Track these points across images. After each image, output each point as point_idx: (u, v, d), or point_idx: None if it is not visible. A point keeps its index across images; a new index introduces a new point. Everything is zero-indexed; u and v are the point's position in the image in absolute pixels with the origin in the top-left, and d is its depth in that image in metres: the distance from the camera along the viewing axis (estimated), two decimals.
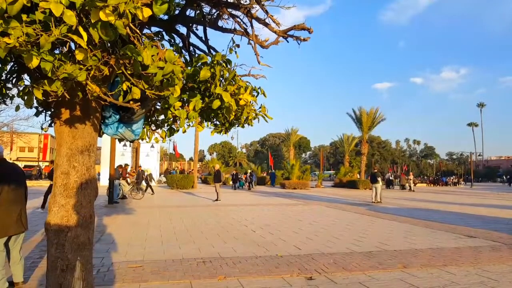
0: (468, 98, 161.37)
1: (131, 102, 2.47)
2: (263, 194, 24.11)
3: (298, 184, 31.38)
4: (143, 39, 2.56)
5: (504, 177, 67.22)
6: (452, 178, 56.91)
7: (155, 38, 3.27)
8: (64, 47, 2.24)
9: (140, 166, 22.54)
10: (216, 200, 16.92)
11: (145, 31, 3.32)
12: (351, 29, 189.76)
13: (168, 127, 3.39)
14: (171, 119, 3.16)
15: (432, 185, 47.96)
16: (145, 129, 3.40)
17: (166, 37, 3.42)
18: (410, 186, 33.38)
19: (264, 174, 43.72)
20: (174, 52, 2.83)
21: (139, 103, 2.53)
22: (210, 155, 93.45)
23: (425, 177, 62.98)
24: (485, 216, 12.36)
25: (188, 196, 21.09)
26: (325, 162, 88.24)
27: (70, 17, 1.87)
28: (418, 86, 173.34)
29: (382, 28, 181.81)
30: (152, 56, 2.32)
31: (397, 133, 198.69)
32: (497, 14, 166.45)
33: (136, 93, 2.35)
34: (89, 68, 2.14)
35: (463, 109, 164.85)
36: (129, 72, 2.32)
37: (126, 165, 20.12)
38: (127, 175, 18.88)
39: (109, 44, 2.27)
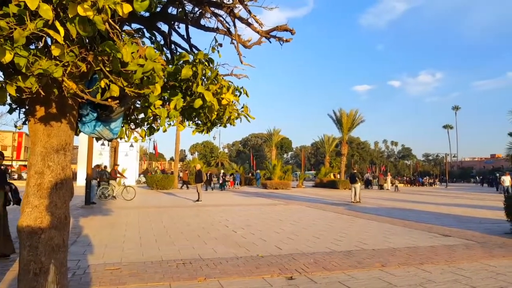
0: (443, 101, 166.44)
1: (109, 100, 2.40)
2: (244, 194, 24.09)
3: (279, 184, 31.53)
4: (123, 35, 2.50)
5: (477, 178, 69.57)
6: (428, 178, 58.46)
7: (135, 35, 3.21)
8: (40, 42, 2.17)
9: (117, 165, 21.63)
10: (197, 200, 16.78)
11: (125, 27, 3.25)
12: (332, 32, 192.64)
13: (148, 126, 3.32)
14: (151, 118, 3.10)
15: (409, 185, 49.14)
16: (123, 128, 3.33)
17: (147, 35, 3.36)
18: (389, 187, 34.11)
19: (250, 175, 43.66)
20: (155, 50, 2.78)
21: (117, 101, 2.46)
22: (192, 155, 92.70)
23: (403, 177, 64.43)
24: (459, 215, 12.75)
25: (168, 196, 20.83)
26: (306, 163, 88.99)
27: (47, 11, 1.80)
28: (396, 89, 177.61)
29: (362, 32, 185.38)
30: (132, 53, 2.26)
31: (376, 135, 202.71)
32: (471, 21, 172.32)
33: (115, 90, 2.29)
34: (66, 64, 2.07)
35: (439, 111, 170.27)
36: (107, 69, 2.26)
37: (116, 165, 19.66)
38: (117, 175, 18.50)
39: (87, 40, 2.20)
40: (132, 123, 3.47)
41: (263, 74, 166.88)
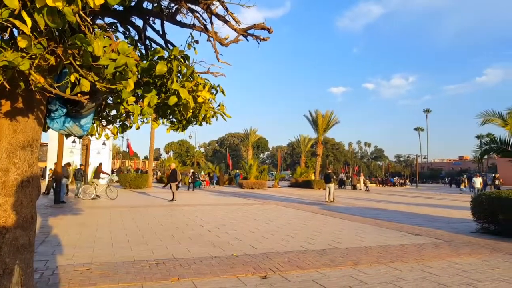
0: (415, 104, 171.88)
1: (79, 95, 2.33)
2: (220, 194, 23.98)
3: (255, 184, 31.59)
4: (95, 29, 2.43)
5: (446, 179, 72.37)
6: (399, 179, 60.24)
7: (108, 29, 3.12)
8: (5, 33, 2.07)
9: (83, 165, 20.82)
10: (172, 200, 16.55)
11: (98, 21, 3.16)
12: (309, 34, 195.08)
13: (121, 123, 3.24)
14: (124, 115, 3.02)
15: (381, 185, 50.44)
16: (94, 125, 3.23)
17: (121, 29, 3.28)
18: (362, 186, 34.91)
19: (227, 175, 43.44)
20: (129, 45, 2.71)
21: (88, 97, 2.39)
22: (167, 153, 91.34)
23: (376, 178, 66.10)
24: (429, 215, 13.20)
25: (142, 196, 20.44)
26: (282, 162, 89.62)
27: (12, 0, 1.72)
28: (370, 92, 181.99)
29: (338, 34, 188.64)
30: (104, 47, 2.20)
31: (350, 136, 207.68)
32: (443, 28, 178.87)
33: (85, 85, 2.22)
34: (33, 56, 1.99)
35: (411, 114, 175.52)
36: (78, 63, 2.18)
37: (101, 164, 19.11)
38: (102, 174, 18.00)
39: (56, 32, 2.12)
40: (103, 120, 3.37)
41: (240, 73, 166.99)
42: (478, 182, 24.76)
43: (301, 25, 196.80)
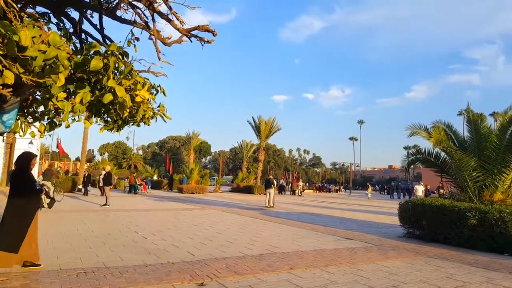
0: (350, 115, 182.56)
1: (1, 87, 2.10)
2: (158, 198, 23.19)
3: (196, 188, 31.13)
4: (23, 17, 2.21)
5: (376, 186, 77.59)
6: (334, 186, 63.35)
7: (40, 19, 2.88)
8: None
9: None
10: (105, 204, 15.63)
11: (29, 10, 2.91)
12: (254, 42, 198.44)
13: (49, 120, 2.97)
14: (53, 112, 2.78)
15: (318, 191, 52.62)
16: (19, 121, 2.94)
17: (54, 20, 3.04)
18: (300, 192, 36.15)
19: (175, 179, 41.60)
20: (62, 37, 2.52)
21: (11, 90, 2.16)
22: (101, 155, 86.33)
23: (312, 184, 68.79)
24: (361, 220, 14.01)
25: (71, 200, 19.03)
26: (224, 167, 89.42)
27: None
28: (310, 101, 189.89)
29: (281, 44, 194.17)
30: (33, 37, 2.01)
31: (291, 143, 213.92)
32: (377, 44, 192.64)
33: (9, 77, 2.00)
34: None
35: (346, 124, 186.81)
36: (1, 53, 1.97)
37: (50, 165, 17.41)
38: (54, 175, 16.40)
39: None
40: (29, 116, 3.08)
41: (184, 75, 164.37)
42: (420, 190, 23.84)
43: (246, 33, 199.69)
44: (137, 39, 2.81)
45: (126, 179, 30.14)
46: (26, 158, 5.15)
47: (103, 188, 22.67)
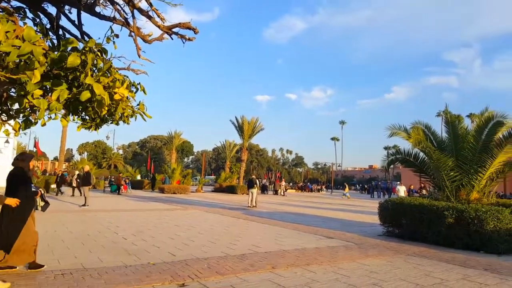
0: (332, 115, 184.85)
1: None
2: (139, 199, 22.85)
3: (178, 188, 30.81)
4: None
5: (357, 185, 78.85)
6: (316, 185, 63.98)
7: (15, 14, 2.78)
8: None
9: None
10: (84, 205, 15.29)
11: (3, 4, 2.81)
12: (237, 41, 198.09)
13: (24, 118, 2.87)
14: (28, 109, 2.68)
15: (300, 191, 52.99)
16: None
17: (30, 15, 2.95)
18: (283, 192, 36.31)
19: (160, 180, 40.86)
20: (37, 32, 2.44)
21: None
22: (80, 155, 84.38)
23: (295, 183, 69.30)
24: (342, 219, 14.19)
25: (49, 200, 18.50)
26: (207, 167, 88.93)
27: None
28: (293, 101, 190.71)
29: (264, 44, 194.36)
30: (6, 32, 1.93)
31: (274, 143, 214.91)
32: (358, 46, 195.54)
33: None
34: None
35: (328, 124, 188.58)
36: None
37: (33, 166, 16.68)
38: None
39: None
40: (3, 114, 2.97)
41: (166, 74, 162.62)
42: (402, 190, 23.48)
43: (229, 32, 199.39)
44: (117, 36, 2.75)
45: (105, 179, 29.53)
46: (26, 159, 5.04)
47: (78, 188, 22.22)
